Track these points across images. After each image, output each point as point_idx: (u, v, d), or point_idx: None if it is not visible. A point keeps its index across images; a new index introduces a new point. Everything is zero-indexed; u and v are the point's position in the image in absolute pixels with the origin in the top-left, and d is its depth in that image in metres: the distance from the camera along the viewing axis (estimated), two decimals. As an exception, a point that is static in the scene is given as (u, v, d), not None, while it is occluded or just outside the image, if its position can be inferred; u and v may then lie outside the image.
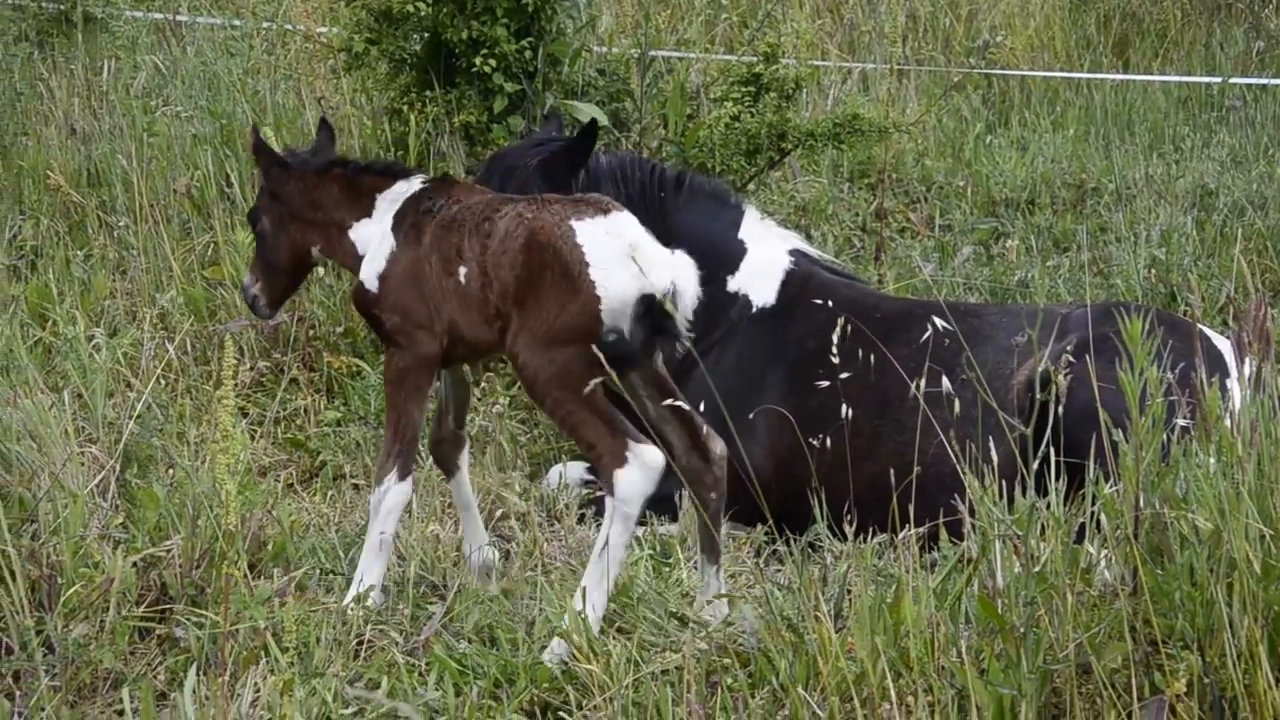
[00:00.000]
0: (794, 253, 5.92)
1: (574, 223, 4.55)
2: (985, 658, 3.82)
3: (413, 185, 4.96)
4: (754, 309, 5.81)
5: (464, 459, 5.04)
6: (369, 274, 4.88)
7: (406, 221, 4.87)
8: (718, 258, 5.84)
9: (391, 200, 4.95)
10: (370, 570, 4.78)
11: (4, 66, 8.85)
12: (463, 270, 4.68)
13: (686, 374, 5.68)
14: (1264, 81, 10.05)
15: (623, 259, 4.51)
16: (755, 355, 5.72)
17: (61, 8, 9.59)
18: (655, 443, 4.54)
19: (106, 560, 4.55)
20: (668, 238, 5.78)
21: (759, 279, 5.84)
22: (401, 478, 4.80)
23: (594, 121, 5.73)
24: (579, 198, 4.82)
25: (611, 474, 4.48)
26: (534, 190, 5.61)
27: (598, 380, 4.44)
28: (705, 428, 4.72)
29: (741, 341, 5.76)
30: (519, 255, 4.57)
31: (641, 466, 4.46)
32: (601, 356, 4.39)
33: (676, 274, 4.57)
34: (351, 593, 4.73)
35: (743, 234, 5.90)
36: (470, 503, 5.06)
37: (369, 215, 4.97)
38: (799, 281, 5.83)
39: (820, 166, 8.59)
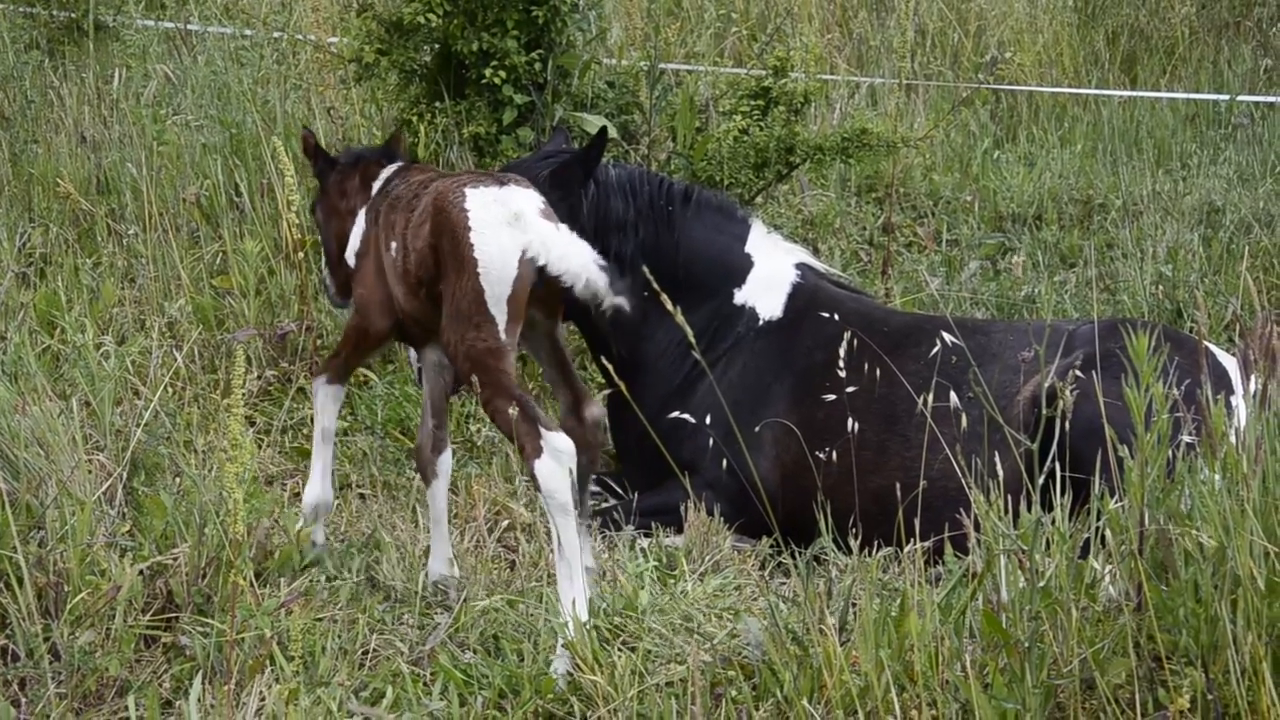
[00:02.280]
0: (800, 266, 5.93)
1: (466, 189, 4.66)
2: (989, 672, 3.82)
3: (391, 169, 5.16)
4: (760, 322, 5.82)
5: (444, 465, 5.07)
6: (350, 253, 5.12)
7: (375, 203, 5.06)
8: (724, 271, 5.86)
9: (378, 184, 5.15)
10: (315, 461, 5.09)
11: (15, 74, 8.86)
12: (393, 245, 4.84)
13: (693, 385, 5.70)
14: (1272, 99, 10.05)
15: (503, 226, 4.57)
16: (762, 368, 5.73)
17: (73, 16, 9.61)
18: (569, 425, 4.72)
19: (113, 568, 4.56)
20: (675, 250, 5.82)
21: (766, 292, 5.85)
22: (330, 382, 5.06)
23: (604, 130, 5.75)
24: (489, 171, 5.05)
25: (532, 466, 4.55)
26: (557, 199, 5.64)
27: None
28: (587, 393, 4.91)
29: (748, 354, 5.77)
30: (426, 224, 4.70)
31: (554, 454, 4.52)
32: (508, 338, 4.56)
33: (563, 250, 4.60)
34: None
35: (749, 247, 5.91)
36: (442, 517, 5.06)
37: (372, 198, 5.14)
38: (806, 295, 5.84)
39: (828, 180, 8.59)
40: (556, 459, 4.52)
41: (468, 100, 6.71)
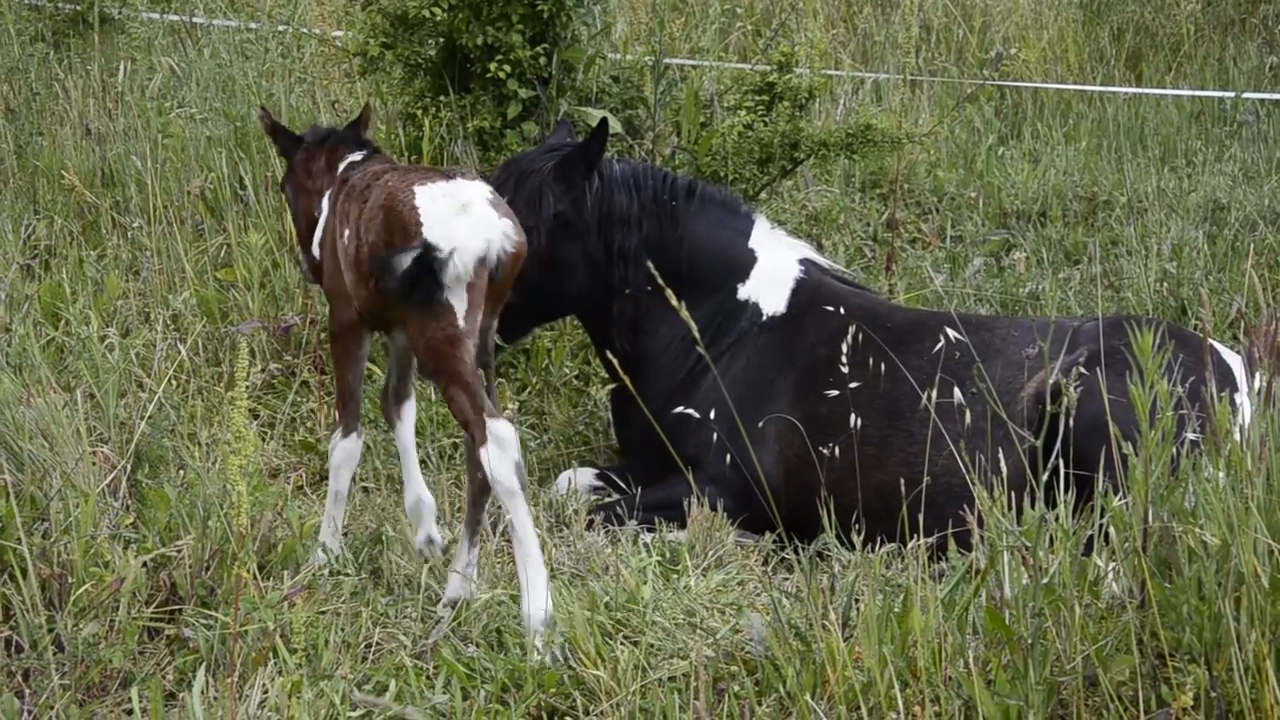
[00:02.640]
0: (804, 262, 5.93)
1: (415, 186, 4.69)
2: (992, 669, 3.83)
3: (356, 156, 5.17)
4: (764, 317, 5.82)
5: (406, 411, 5.13)
6: (314, 241, 5.15)
7: (335, 190, 5.07)
8: (728, 266, 5.86)
9: (341, 169, 5.15)
10: (327, 521, 5.08)
11: (20, 67, 8.86)
12: (347, 233, 4.85)
13: (696, 381, 5.70)
14: (1277, 97, 10.05)
15: (453, 217, 4.61)
16: (765, 363, 5.73)
17: (78, 8, 9.60)
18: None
19: (117, 560, 4.57)
20: (678, 245, 5.82)
21: (769, 287, 5.85)
22: (345, 435, 5.03)
23: (604, 122, 5.75)
24: (437, 168, 5.07)
25: (479, 454, 4.62)
26: (548, 196, 5.64)
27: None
28: (495, 398, 4.89)
29: (751, 349, 5.77)
30: (377, 218, 4.71)
31: (497, 441, 4.60)
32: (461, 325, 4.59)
33: (502, 234, 4.66)
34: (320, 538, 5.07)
35: (753, 243, 5.91)
36: (409, 449, 5.13)
37: (334, 184, 5.13)
38: (810, 290, 5.84)
39: (832, 176, 8.59)
40: (500, 445, 4.59)
41: (472, 94, 6.70)
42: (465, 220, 4.61)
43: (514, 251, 4.69)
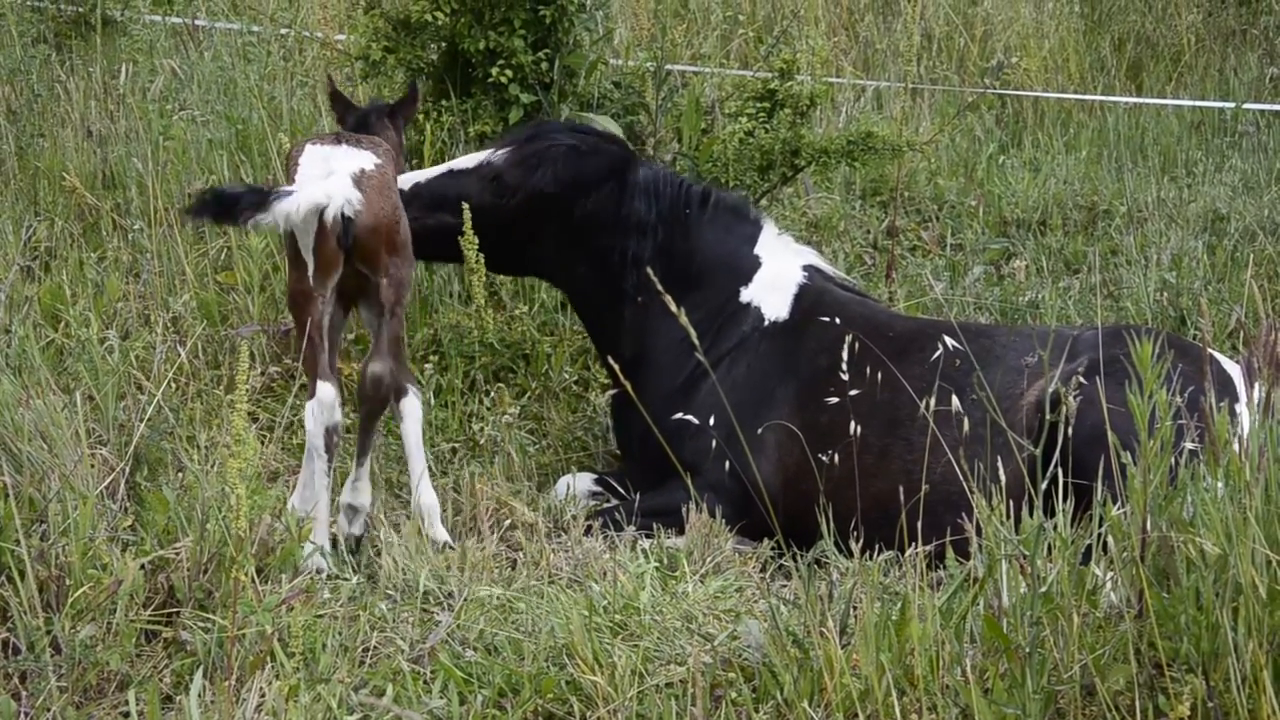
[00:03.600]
0: (808, 268, 5.94)
1: (308, 145, 5.22)
2: (990, 677, 3.83)
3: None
4: (766, 322, 5.83)
5: (406, 407, 5.33)
6: None
7: None
8: (732, 270, 5.88)
9: None
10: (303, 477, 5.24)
11: (22, 68, 8.87)
12: None
13: (696, 384, 5.70)
14: (1277, 107, 10.06)
15: (314, 180, 5.03)
16: (766, 369, 5.73)
17: (80, 10, 9.61)
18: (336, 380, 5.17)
19: (115, 562, 4.56)
20: (689, 253, 5.83)
21: (772, 292, 5.86)
22: (310, 395, 5.16)
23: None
24: (344, 132, 5.46)
25: (306, 406, 5.10)
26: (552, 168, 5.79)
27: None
28: (378, 349, 5.24)
29: (752, 355, 5.78)
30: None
31: (318, 403, 5.07)
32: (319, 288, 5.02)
33: (345, 200, 5.00)
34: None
35: (759, 248, 5.93)
36: (412, 453, 5.36)
37: None
38: (812, 297, 5.85)
39: (833, 183, 8.60)
40: (318, 408, 5.06)
41: (474, 99, 6.71)
42: (321, 182, 5.01)
43: (365, 223, 5.03)
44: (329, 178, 5.06)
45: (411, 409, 5.31)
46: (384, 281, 5.19)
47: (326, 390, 5.07)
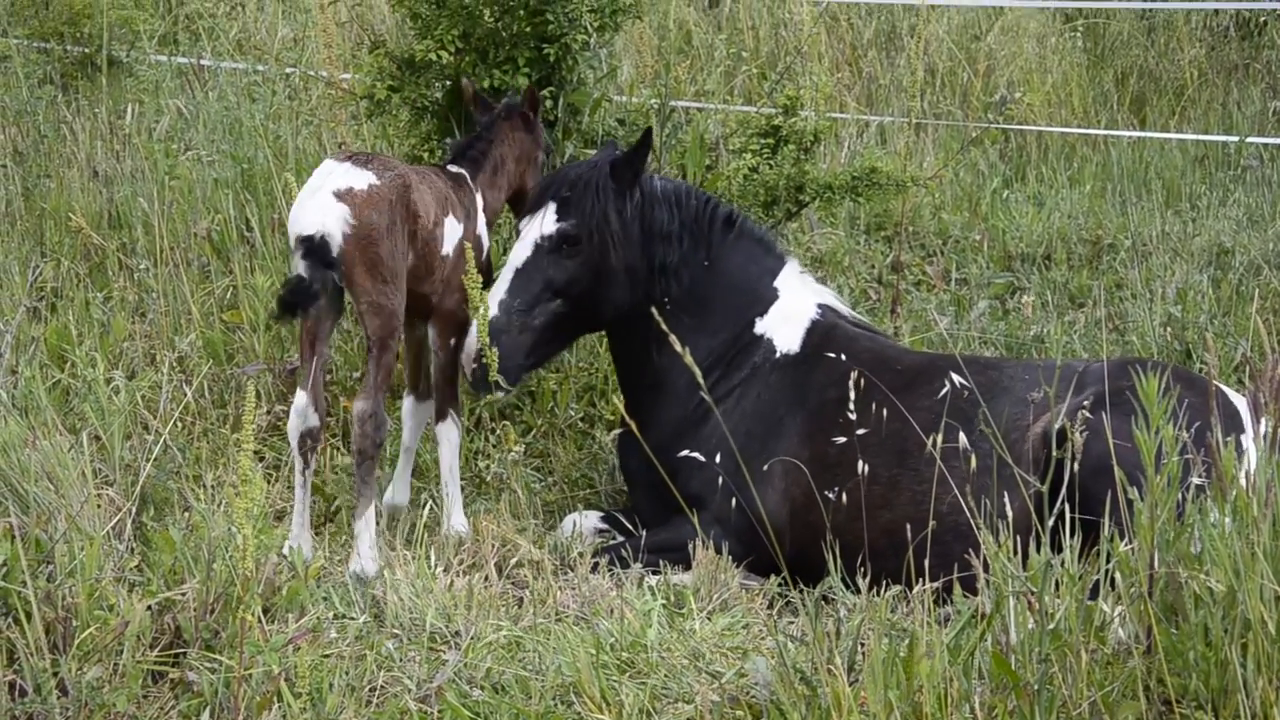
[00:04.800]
0: (822, 306, 5.95)
1: (326, 159, 5.45)
2: (999, 714, 3.81)
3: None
4: (777, 354, 5.85)
5: (442, 432, 5.79)
6: None
7: None
8: (750, 300, 5.90)
9: None
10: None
11: (28, 109, 8.90)
12: None
13: (708, 412, 5.70)
14: (1280, 141, 10.07)
15: (305, 195, 5.29)
16: (776, 401, 5.74)
17: (86, 52, 9.66)
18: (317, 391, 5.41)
19: (121, 603, 4.56)
20: (707, 270, 5.84)
21: (785, 325, 5.88)
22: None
23: (648, 132, 5.84)
24: (362, 152, 5.65)
25: None
26: (610, 208, 5.77)
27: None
28: (364, 386, 5.39)
29: (762, 386, 5.79)
30: None
31: (293, 410, 5.39)
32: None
33: (307, 218, 5.24)
34: None
35: (778, 282, 5.96)
36: (445, 477, 5.81)
37: None
38: (823, 331, 5.86)
39: (837, 218, 8.61)
40: (292, 412, 5.39)
41: (479, 137, 6.72)
42: (305, 200, 5.27)
43: (350, 234, 5.21)
44: (313, 195, 5.26)
45: (445, 434, 5.71)
46: (364, 308, 5.27)
47: (300, 397, 5.35)
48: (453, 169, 5.93)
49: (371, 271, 5.24)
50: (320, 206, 5.23)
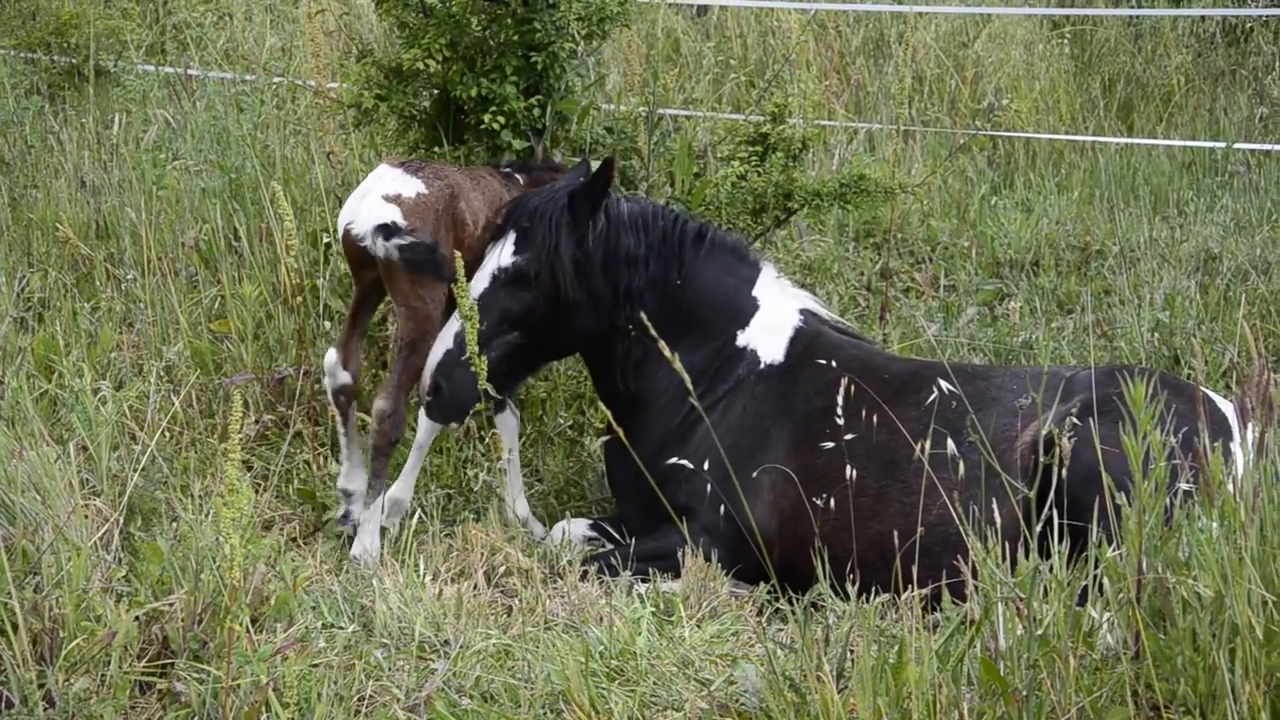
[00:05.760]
0: (804, 312, 5.93)
1: (382, 163, 5.80)
2: (987, 720, 3.81)
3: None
4: (761, 365, 5.82)
5: (501, 422, 5.97)
6: None
7: None
8: (730, 313, 5.87)
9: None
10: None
11: (15, 120, 8.89)
12: None
13: (693, 427, 5.70)
14: (1267, 147, 10.10)
15: (353, 199, 5.64)
16: (762, 412, 5.73)
17: (73, 62, 9.65)
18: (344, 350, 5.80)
19: (109, 614, 4.54)
20: (682, 288, 5.82)
21: (768, 335, 5.85)
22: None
23: (609, 161, 5.77)
24: (408, 159, 5.95)
25: None
26: (564, 239, 5.69)
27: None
28: (386, 383, 5.70)
29: (748, 398, 5.77)
30: None
31: (325, 365, 5.77)
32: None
33: (360, 218, 5.57)
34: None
35: (757, 291, 5.92)
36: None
37: None
38: (808, 340, 5.84)
39: (826, 226, 8.62)
40: (325, 367, 5.76)
41: (466, 145, 6.72)
42: (354, 204, 5.62)
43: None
44: (363, 199, 5.60)
45: (504, 423, 5.92)
46: (401, 309, 5.57)
47: (330, 355, 5.75)
48: (505, 169, 6.16)
49: (414, 280, 5.52)
50: (370, 209, 5.54)
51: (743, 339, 5.86)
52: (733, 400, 5.77)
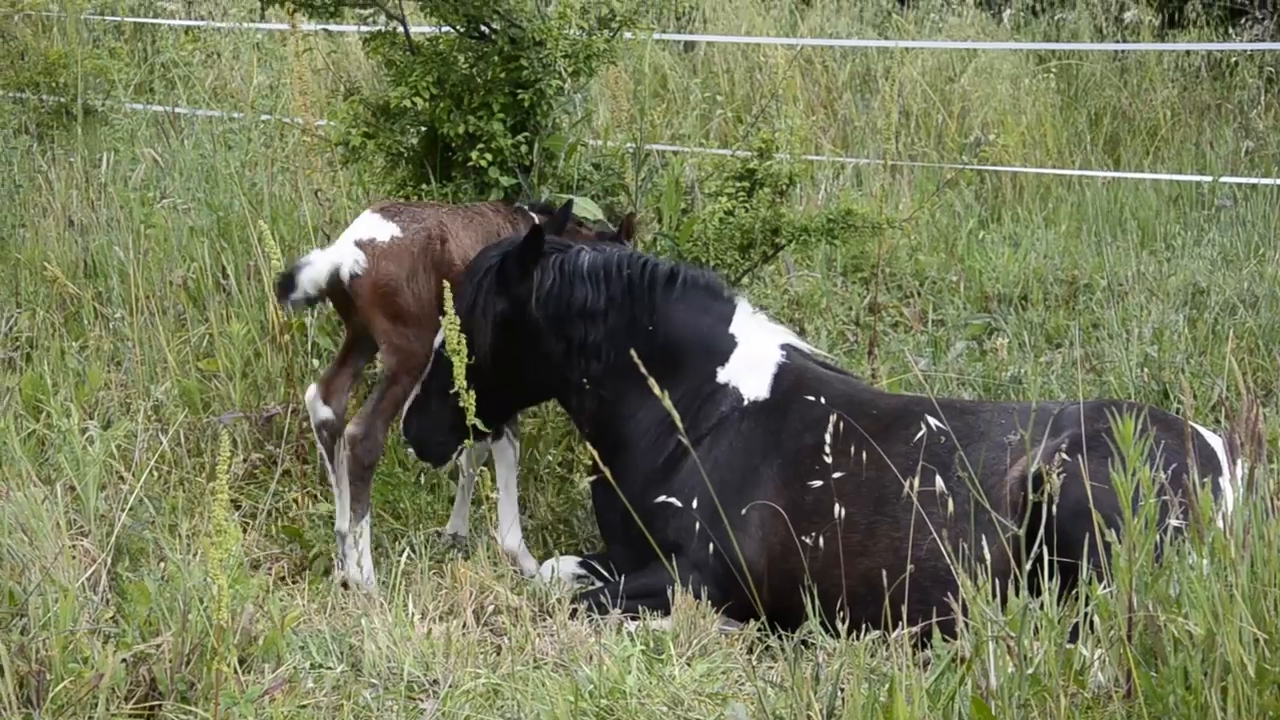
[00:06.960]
0: (785, 347, 5.92)
1: (366, 210, 5.88)
2: (979, 759, 3.80)
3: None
4: (745, 401, 5.80)
5: (498, 449, 6.00)
6: None
7: None
8: (706, 351, 5.84)
9: None
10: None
11: (3, 159, 8.89)
12: None
13: (677, 465, 5.68)
14: (1254, 181, 10.13)
15: (340, 243, 5.73)
16: (749, 449, 5.71)
17: (61, 101, 9.66)
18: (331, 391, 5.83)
19: (96, 655, 4.52)
20: (651, 333, 5.79)
21: (750, 372, 5.83)
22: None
23: (537, 228, 5.75)
24: (397, 202, 6.03)
25: None
26: (490, 300, 5.70)
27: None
28: (362, 410, 5.77)
29: (733, 435, 5.75)
30: None
31: (306, 400, 5.83)
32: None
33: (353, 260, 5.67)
34: None
35: (733, 328, 5.90)
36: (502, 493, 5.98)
37: None
38: (793, 376, 5.83)
39: (814, 261, 8.63)
40: (306, 402, 5.82)
41: (454, 182, 6.73)
42: (332, 245, 5.74)
43: (362, 277, 5.63)
44: (338, 243, 5.71)
45: (500, 453, 5.92)
46: (384, 347, 5.68)
47: (310, 389, 5.81)
48: (520, 206, 6.21)
49: (392, 318, 5.65)
50: (338, 252, 5.68)
51: (723, 376, 5.84)
52: (718, 437, 5.75)
